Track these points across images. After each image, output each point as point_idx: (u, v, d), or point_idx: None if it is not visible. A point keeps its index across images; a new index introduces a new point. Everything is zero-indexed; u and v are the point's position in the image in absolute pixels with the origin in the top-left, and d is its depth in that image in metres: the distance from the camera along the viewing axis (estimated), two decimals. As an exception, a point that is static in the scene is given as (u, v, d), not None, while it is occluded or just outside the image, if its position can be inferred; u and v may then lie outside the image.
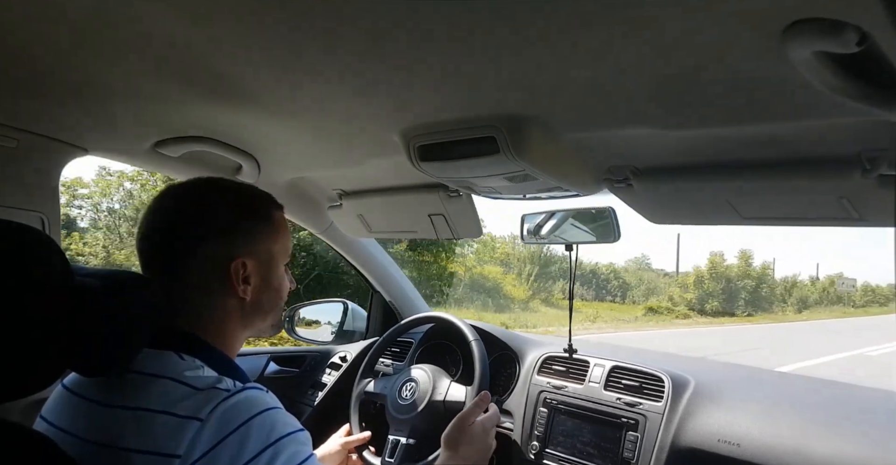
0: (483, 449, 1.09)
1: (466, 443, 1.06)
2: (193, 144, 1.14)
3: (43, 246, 0.55)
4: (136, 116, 1.01)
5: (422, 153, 0.96)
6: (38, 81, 0.87)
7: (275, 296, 0.79)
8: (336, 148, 1.15)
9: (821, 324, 19.93)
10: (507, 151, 0.86)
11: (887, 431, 1.01)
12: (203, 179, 0.78)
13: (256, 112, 0.96)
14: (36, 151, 1.04)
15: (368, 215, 1.53)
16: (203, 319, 0.72)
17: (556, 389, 1.34)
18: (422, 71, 0.71)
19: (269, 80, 0.81)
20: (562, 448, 1.28)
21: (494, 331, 1.57)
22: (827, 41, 0.49)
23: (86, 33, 0.70)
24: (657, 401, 1.18)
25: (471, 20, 0.57)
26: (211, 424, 0.58)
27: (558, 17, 0.55)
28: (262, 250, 0.76)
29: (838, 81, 0.55)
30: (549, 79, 0.70)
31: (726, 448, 1.05)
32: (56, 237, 1.07)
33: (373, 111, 0.90)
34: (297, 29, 0.63)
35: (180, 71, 0.80)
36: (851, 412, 1.11)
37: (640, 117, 0.79)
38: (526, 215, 1.40)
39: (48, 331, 0.53)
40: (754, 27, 0.52)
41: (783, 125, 0.74)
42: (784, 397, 1.20)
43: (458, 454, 1.05)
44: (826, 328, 17.28)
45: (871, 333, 14.84)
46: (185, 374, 0.64)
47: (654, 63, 0.62)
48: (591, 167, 1.02)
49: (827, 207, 0.89)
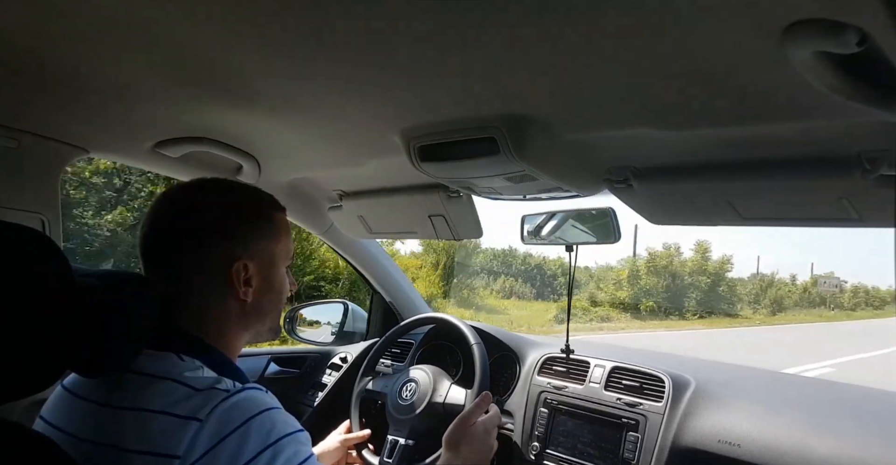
0: (484, 450, 1.08)
1: (467, 444, 1.06)
2: (194, 145, 1.14)
3: (43, 247, 0.55)
4: (137, 116, 1.02)
5: (422, 154, 0.96)
6: (38, 81, 0.87)
7: (275, 298, 0.79)
8: (336, 148, 1.15)
9: (788, 329, 17.32)
10: (508, 152, 0.86)
11: (887, 431, 1.01)
12: (205, 180, 0.78)
13: (257, 113, 0.96)
14: (36, 151, 1.04)
15: (369, 216, 1.53)
16: (203, 320, 0.72)
17: (557, 389, 1.34)
18: (422, 72, 0.71)
19: (270, 80, 0.81)
20: (562, 449, 1.28)
21: (495, 331, 1.57)
22: (827, 41, 0.49)
23: (86, 34, 0.70)
24: (657, 401, 1.18)
25: (471, 21, 0.57)
26: (210, 424, 0.58)
27: (558, 19, 0.55)
28: (264, 251, 0.76)
29: (838, 81, 0.54)
30: (550, 80, 0.70)
31: (727, 449, 1.05)
32: (56, 238, 1.07)
33: (373, 112, 0.90)
34: (297, 29, 0.63)
35: (181, 72, 0.80)
36: (852, 412, 1.11)
37: (640, 118, 0.79)
38: (526, 216, 1.40)
39: (48, 331, 0.53)
40: (754, 27, 0.52)
41: (783, 126, 0.74)
42: (784, 397, 1.20)
43: (458, 454, 1.05)
44: (792, 335, 15.08)
45: (838, 342, 13.12)
46: (185, 375, 0.64)
47: (653, 64, 0.62)
48: (591, 168, 1.02)
49: (827, 207, 0.89)
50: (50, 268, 0.54)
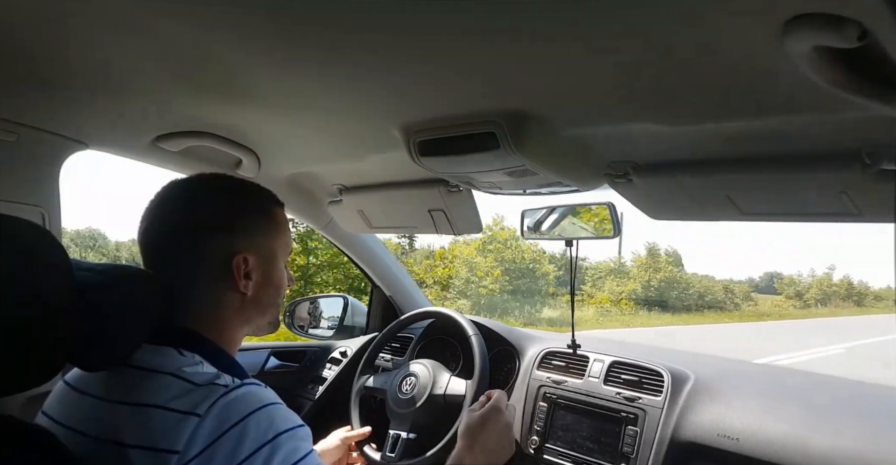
0: (502, 448, 1.04)
1: (485, 435, 1.02)
2: (193, 139, 1.14)
3: (43, 240, 0.55)
4: (136, 110, 1.01)
5: (422, 148, 0.96)
6: (38, 75, 0.86)
7: (274, 292, 0.79)
8: (336, 143, 1.15)
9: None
10: (508, 147, 0.86)
11: (885, 425, 1.01)
12: (204, 174, 0.79)
13: (256, 107, 0.96)
14: (36, 145, 1.04)
15: (368, 211, 1.53)
16: (203, 314, 0.73)
17: (556, 384, 1.35)
18: (422, 66, 0.71)
19: (269, 75, 0.80)
20: (561, 443, 1.28)
21: (494, 326, 1.58)
22: (827, 36, 0.49)
23: (85, 29, 0.70)
24: (656, 396, 1.19)
25: (470, 16, 0.57)
26: (209, 419, 0.59)
27: (557, 13, 0.55)
28: (264, 245, 0.76)
29: (839, 75, 0.54)
30: (549, 75, 0.70)
31: (725, 443, 1.06)
32: (56, 232, 1.07)
33: (372, 107, 0.90)
34: (296, 24, 0.63)
35: (180, 66, 0.80)
36: (850, 406, 1.12)
37: (640, 113, 0.79)
38: (526, 211, 1.40)
39: (48, 325, 0.53)
40: (754, 22, 0.52)
41: (783, 120, 0.74)
42: (783, 391, 1.21)
43: (475, 447, 1.01)
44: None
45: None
46: (185, 370, 0.64)
47: (654, 58, 0.62)
48: (591, 162, 1.02)
49: (827, 202, 0.89)
50: (50, 261, 0.54)
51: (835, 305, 26.41)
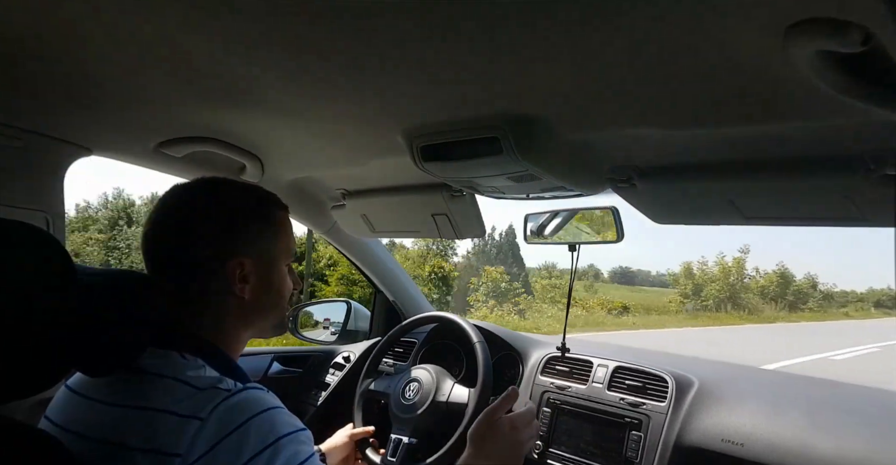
0: (514, 449, 0.99)
1: (493, 440, 0.98)
2: (197, 145, 1.14)
3: (47, 245, 0.55)
4: (141, 116, 1.02)
5: (425, 154, 0.96)
6: (43, 81, 0.87)
7: (275, 296, 0.79)
8: (339, 148, 1.15)
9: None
10: (511, 152, 0.86)
11: (890, 429, 1.00)
12: (206, 178, 0.78)
13: (260, 113, 0.96)
14: (41, 150, 1.05)
15: (372, 215, 1.53)
16: (205, 318, 0.73)
17: (560, 389, 1.34)
18: (424, 72, 0.71)
19: (273, 81, 0.81)
20: (565, 448, 1.28)
21: (498, 331, 1.57)
22: (831, 40, 0.49)
23: (90, 35, 0.70)
24: (661, 401, 1.18)
25: (473, 21, 0.57)
26: (211, 423, 0.59)
27: (560, 18, 0.55)
28: (263, 249, 0.76)
29: (842, 80, 0.54)
30: (552, 79, 0.70)
31: (730, 448, 1.05)
32: (60, 237, 1.07)
33: (375, 112, 0.90)
34: (299, 30, 0.63)
35: (184, 72, 0.81)
36: (855, 411, 1.11)
37: (643, 117, 0.79)
38: (529, 215, 1.39)
39: (51, 330, 0.54)
40: (758, 26, 0.52)
41: (786, 125, 0.73)
42: (787, 396, 1.20)
43: (482, 451, 0.97)
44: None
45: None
46: (187, 374, 0.64)
47: (657, 63, 0.62)
48: (595, 167, 1.01)
49: (830, 207, 0.89)
50: (54, 266, 0.55)
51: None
